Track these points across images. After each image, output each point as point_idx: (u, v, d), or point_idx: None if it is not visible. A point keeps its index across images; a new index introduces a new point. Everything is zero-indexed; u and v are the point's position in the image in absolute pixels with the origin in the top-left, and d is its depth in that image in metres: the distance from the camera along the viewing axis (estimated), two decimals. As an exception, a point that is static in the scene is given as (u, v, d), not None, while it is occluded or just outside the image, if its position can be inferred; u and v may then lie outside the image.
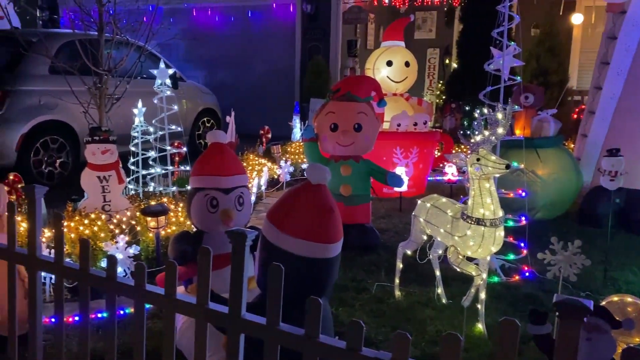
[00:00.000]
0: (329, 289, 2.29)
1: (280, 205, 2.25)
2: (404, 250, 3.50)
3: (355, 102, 4.45)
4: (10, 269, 2.17)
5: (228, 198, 2.98)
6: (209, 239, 3.00)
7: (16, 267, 2.19)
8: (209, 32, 11.61)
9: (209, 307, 1.70)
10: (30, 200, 2.07)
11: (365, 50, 11.47)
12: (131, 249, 3.62)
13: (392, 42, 6.50)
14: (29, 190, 2.04)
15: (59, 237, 2.02)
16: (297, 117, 8.00)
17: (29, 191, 2.04)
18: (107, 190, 4.14)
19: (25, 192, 2.07)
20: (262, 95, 11.16)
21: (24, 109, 6.20)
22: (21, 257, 2.11)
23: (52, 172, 6.48)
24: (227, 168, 3.04)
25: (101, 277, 1.90)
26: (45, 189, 2.09)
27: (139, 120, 4.78)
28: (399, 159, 5.94)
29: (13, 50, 6.63)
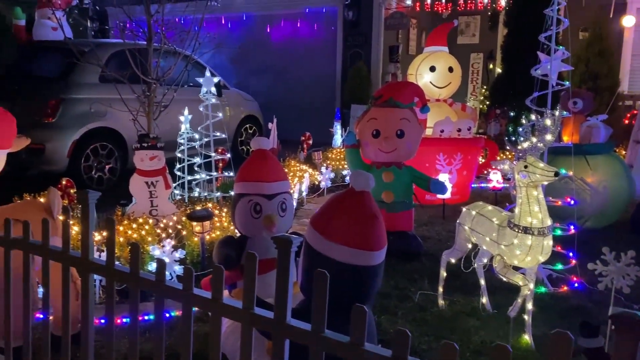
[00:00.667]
0: (372, 297, 2.28)
1: (323, 211, 2.25)
2: (448, 258, 3.45)
3: (397, 108, 4.43)
4: (65, 271, 2.25)
5: (271, 204, 3.01)
6: (252, 244, 3.05)
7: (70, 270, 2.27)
8: (251, 40, 11.79)
9: (254, 312, 1.72)
10: (83, 205, 2.15)
11: (407, 56, 11.41)
12: (177, 252, 3.71)
13: (435, 47, 6.45)
14: (83, 195, 2.12)
15: (111, 241, 2.08)
16: (338, 123, 8.01)
17: (83, 196, 2.12)
18: (155, 196, 4.25)
19: (79, 197, 2.14)
20: (303, 101, 11.24)
21: (75, 116, 6.44)
22: (75, 259, 2.19)
23: (101, 178, 6.70)
24: (270, 174, 3.07)
25: (151, 280, 1.95)
26: (98, 194, 2.17)
27: (185, 127, 4.89)
28: (442, 166, 5.87)
29: (66, 60, 6.91)
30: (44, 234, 2.28)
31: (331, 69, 11.11)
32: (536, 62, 4.06)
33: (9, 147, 3.28)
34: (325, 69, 11.16)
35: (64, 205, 2.42)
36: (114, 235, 2.09)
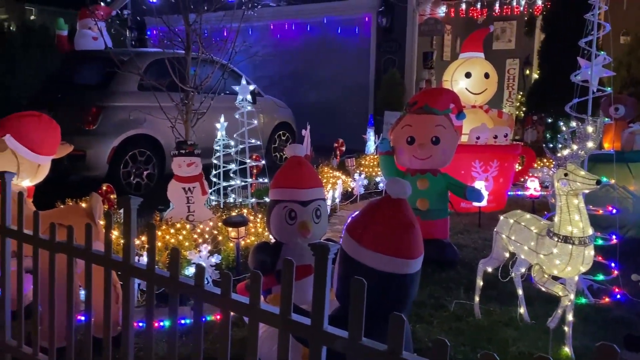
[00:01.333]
0: (408, 305, 2.26)
1: (359, 219, 2.26)
2: (484, 267, 3.40)
3: (433, 115, 4.40)
4: (107, 275, 2.31)
5: (306, 210, 3.03)
6: (287, 250, 3.06)
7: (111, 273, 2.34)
8: (284, 47, 11.90)
9: (292, 318, 1.73)
10: (125, 210, 2.20)
11: (441, 62, 11.32)
12: (213, 257, 3.76)
13: (470, 53, 6.39)
14: (125, 200, 2.17)
15: (152, 246, 2.13)
16: (372, 130, 8.00)
17: (125, 202, 2.17)
18: (192, 201, 4.33)
19: (122, 203, 2.20)
20: (336, 108, 11.27)
21: (115, 123, 6.62)
22: (116, 263, 2.25)
23: (139, 183, 6.85)
24: (305, 181, 3.09)
25: (190, 285, 1.98)
26: (140, 200, 2.22)
27: (221, 134, 4.96)
28: (478, 173, 5.80)
29: (106, 69, 7.11)
30: (87, 239, 2.35)
31: (364, 76, 11.11)
32: (575, 68, 3.98)
33: (53, 154, 3.40)
34: (358, 76, 11.17)
35: (106, 211, 2.48)
36: (154, 240, 2.13)
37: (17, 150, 3.18)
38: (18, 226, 2.60)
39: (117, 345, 2.41)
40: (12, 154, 3.19)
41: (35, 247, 2.54)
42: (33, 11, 17.12)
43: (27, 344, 2.65)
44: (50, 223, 2.47)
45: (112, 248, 2.31)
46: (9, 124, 3.19)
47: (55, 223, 2.62)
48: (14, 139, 3.17)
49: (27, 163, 3.23)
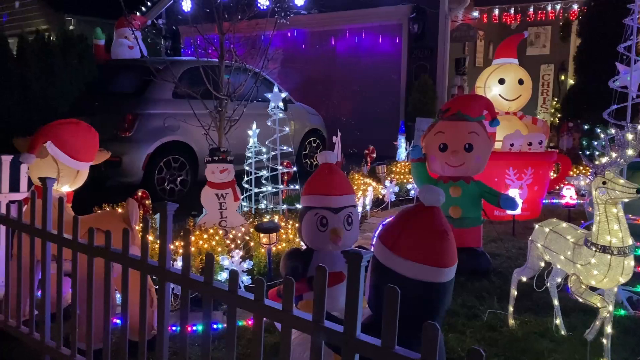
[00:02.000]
0: (441, 314, 2.24)
1: (392, 226, 2.25)
2: (519, 277, 3.34)
3: (466, 122, 4.35)
4: (143, 279, 2.36)
5: (337, 217, 3.03)
6: (319, 257, 3.07)
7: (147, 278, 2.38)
8: (315, 54, 11.96)
9: (324, 324, 1.73)
10: (162, 216, 2.25)
11: (474, 68, 11.21)
12: (245, 263, 3.80)
13: (504, 59, 6.30)
14: (162, 206, 2.22)
15: (187, 251, 2.17)
16: (403, 136, 7.96)
17: (162, 208, 2.22)
18: (224, 207, 4.38)
19: (158, 208, 2.25)
20: (367, 115, 11.26)
21: (150, 130, 6.75)
22: (152, 268, 2.29)
23: (172, 189, 6.97)
24: (337, 188, 3.10)
25: (224, 290, 2.01)
26: (176, 206, 2.26)
27: (253, 141, 5.01)
28: (512, 181, 5.70)
29: (141, 77, 7.27)
30: (124, 243, 2.41)
31: (395, 82, 11.08)
32: (613, 73, 3.88)
33: (92, 160, 3.50)
34: (389, 82, 11.14)
35: (143, 216, 2.54)
36: (189, 245, 2.17)
37: (57, 157, 3.28)
38: (58, 230, 2.68)
39: (151, 349, 2.46)
40: (53, 161, 3.29)
41: (74, 251, 2.61)
42: (72, 21, 17.63)
43: (65, 345, 2.72)
44: (89, 228, 2.54)
45: (148, 253, 2.35)
46: (49, 131, 3.29)
47: (94, 228, 2.70)
48: (54, 146, 3.27)
49: (66, 169, 3.33)
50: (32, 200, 2.84)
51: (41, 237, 2.76)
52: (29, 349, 2.93)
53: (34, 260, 2.90)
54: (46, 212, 2.74)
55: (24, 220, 2.89)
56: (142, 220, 2.38)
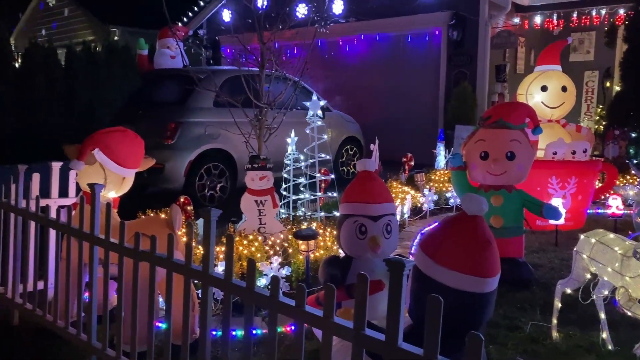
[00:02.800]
0: (483, 325, 2.21)
1: (434, 235, 2.23)
2: (563, 288, 3.26)
3: (507, 129, 4.28)
4: (186, 284, 2.41)
5: (376, 225, 3.03)
6: (357, 264, 3.07)
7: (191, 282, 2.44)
8: (353, 61, 11.98)
9: (365, 333, 1.73)
10: (206, 222, 2.30)
11: (514, 75, 11.02)
12: (283, 270, 3.83)
13: (547, 66, 6.18)
14: (206, 212, 2.27)
15: (230, 257, 2.21)
16: (442, 144, 7.87)
17: (206, 214, 2.27)
18: (263, 214, 4.44)
19: (203, 214, 2.29)
20: (404, 122, 11.19)
21: (192, 138, 6.90)
22: (196, 273, 2.34)
23: (212, 195, 7.09)
24: (376, 196, 3.10)
25: (265, 296, 2.04)
26: (220, 212, 2.31)
27: (291, 148, 5.06)
28: (554, 190, 5.57)
29: (183, 86, 7.44)
30: (169, 248, 2.47)
31: (434, 90, 10.99)
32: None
33: (137, 167, 3.60)
34: (428, 90, 11.05)
35: (188, 222, 2.60)
36: (232, 251, 2.21)
37: (104, 164, 3.39)
38: (105, 235, 2.77)
39: (193, 352, 2.51)
40: (100, 167, 3.40)
41: (121, 255, 2.69)
42: (116, 32, 18.21)
43: (110, 347, 2.80)
44: (135, 232, 2.61)
45: (192, 258, 2.41)
46: (97, 139, 3.41)
47: (139, 232, 2.78)
48: (102, 153, 3.38)
49: (113, 175, 3.44)
50: (81, 205, 2.95)
51: (89, 241, 2.85)
52: (76, 349, 3.03)
53: (82, 264, 3.00)
54: (94, 217, 2.83)
55: (73, 225, 2.99)
56: (187, 225, 2.44)
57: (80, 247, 2.95)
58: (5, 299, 3.51)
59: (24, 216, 3.36)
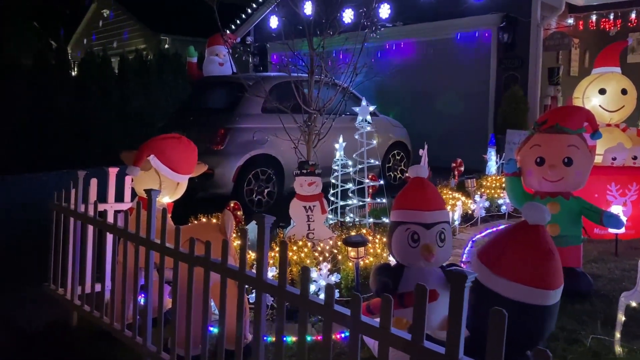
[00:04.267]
0: (544, 339, 2.12)
1: (493, 245, 2.17)
2: (627, 301, 3.10)
3: (565, 134, 4.13)
4: (240, 289, 2.42)
5: (429, 233, 2.97)
6: (409, 273, 3.02)
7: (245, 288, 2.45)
8: (400, 66, 11.86)
9: (424, 345, 1.69)
10: (260, 228, 2.31)
11: (568, 78, 10.65)
12: (333, 276, 3.81)
13: (605, 68, 5.95)
14: (260, 218, 2.27)
15: (283, 263, 2.21)
16: (493, 149, 7.67)
17: (260, 219, 2.27)
18: (312, 220, 4.43)
19: (257, 220, 2.30)
20: (452, 127, 10.99)
21: (240, 144, 6.98)
22: (250, 279, 2.35)
23: (260, 200, 7.15)
24: (429, 203, 3.04)
25: (319, 304, 2.02)
26: (273, 218, 2.31)
27: (339, 154, 5.04)
28: (614, 197, 5.33)
29: (232, 93, 7.56)
30: (223, 254, 2.49)
31: (483, 94, 10.74)
32: None
33: (191, 173, 3.66)
34: (476, 94, 10.82)
35: (243, 228, 2.61)
36: (286, 257, 2.20)
37: (159, 170, 3.47)
38: (161, 240, 2.82)
39: (245, 357, 2.51)
40: (156, 173, 3.48)
41: (176, 260, 2.73)
42: (167, 40, 18.71)
43: (165, 350, 2.84)
44: (190, 238, 2.65)
45: (246, 264, 2.42)
46: (153, 145, 3.49)
47: (195, 238, 2.82)
48: (157, 159, 3.46)
49: (168, 181, 3.51)
50: (138, 210, 3.02)
51: (145, 246, 2.91)
52: (131, 352, 3.10)
53: (137, 267, 3.07)
54: (150, 222, 2.89)
55: (129, 229, 3.06)
56: (241, 231, 2.45)
57: (137, 251, 3.02)
58: (65, 301, 3.63)
59: (83, 220, 3.47)
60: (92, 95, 12.08)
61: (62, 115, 11.56)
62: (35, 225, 6.15)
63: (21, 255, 5.27)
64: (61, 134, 11.47)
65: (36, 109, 11.37)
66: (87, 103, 11.99)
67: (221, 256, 2.47)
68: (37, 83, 11.47)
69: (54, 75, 11.73)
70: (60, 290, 3.72)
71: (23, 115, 11.23)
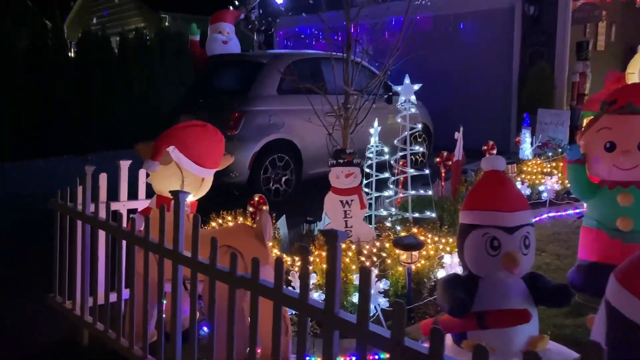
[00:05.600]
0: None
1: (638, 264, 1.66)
2: None
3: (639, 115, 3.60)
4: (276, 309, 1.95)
5: (512, 238, 2.48)
6: (486, 286, 2.53)
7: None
8: (418, 41, 11.20)
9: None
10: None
11: (594, 53, 10.05)
12: (381, 283, 3.31)
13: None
14: (332, 236, 1.75)
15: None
16: (528, 130, 7.13)
17: (331, 237, 1.75)
18: (349, 216, 3.92)
19: (327, 238, 1.78)
20: (474, 107, 10.41)
21: (256, 128, 6.43)
22: (290, 300, 1.88)
23: (277, 189, 6.64)
24: (511, 202, 2.55)
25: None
26: (348, 235, 1.80)
27: (374, 140, 4.50)
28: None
29: (245, 72, 6.98)
30: (254, 270, 2.02)
31: (506, 71, 10.13)
32: None
33: (217, 167, 3.15)
34: (499, 71, 10.21)
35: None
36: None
37: (181, 163, 2.95)
38: (192, 253, 2.31)
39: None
40: (177, 167, 2.95)
41: (212, 279, 2.22)
42: (167, 18, 18.01)
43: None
44: (232, 253, 2.14)
45: (283, 281, 1.95)
46: (173, 135, 2.97)
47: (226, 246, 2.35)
48: (178, 151, 2.93)
49: (191, 177, 2.99)
50: (162, 216, 2.49)
51: (172, 259, 2.40)
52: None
53: (162, 281, 2.58)
54: (178, 232, 2.38)
55: (152, 238, 2.55)
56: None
57: (161, 263, 2.52)
58: (74, 316, 3.13)
59: (94, 225, 2.96)
60: (92, 77, 11.47)
61: (60, 99, 10.98)
62: (33, 219, 5.63)
63: (20, 257, 4.74)
64: (59, 119, 10.91)
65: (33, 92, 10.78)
66: (87, 86, 11.40)
67: (274, 279, 1.96)
68: (34, 65, 10.85)
69: (51, 57, 11.10)
70: (67, 303, 3.22)
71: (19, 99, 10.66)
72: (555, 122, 7.69)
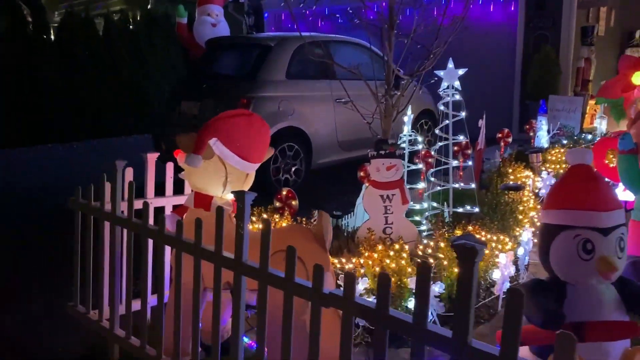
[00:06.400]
0: None
1: None
2: None
3: (703, 103, 3.40)
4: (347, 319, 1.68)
5: (607, 241, 2.23)
6: (576, 293, 2.28)
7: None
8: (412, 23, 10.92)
9: None
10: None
11: (595, 38, 9.91)
12: (436, 286, 3.06)
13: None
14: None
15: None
16: (544, 117, 6.91)
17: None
18: (390, 211, 3.64)
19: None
20: (474, 93, 10.17)
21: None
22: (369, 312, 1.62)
23: (287, 180, 6.32)
24: (605, 201, 2.30)
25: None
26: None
27: (407, 128, 4.22)
28: None
29: (250, 55, 6.61)
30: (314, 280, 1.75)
31: (509, 56, 9.90)
32: None
33: (262, 161, 2.84)
34: (501, 56, 9.97)
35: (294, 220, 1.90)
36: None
37: (225, 158, 2.61)
38: (261, 265, 2.00)
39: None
40: (220, 162, 2.62)
41: (288, 295, 1.91)
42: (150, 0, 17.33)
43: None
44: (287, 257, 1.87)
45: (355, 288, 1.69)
46: (216, 127, 2.62)
47: (278, 248, 2.14)
48: (221, 144, 2.60)
49: (236, 172, 2.66)
50: (219, 221, 2.16)
51: (235, 271, 2.09)
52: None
53: (199, 288, 2.28)
54: (242, 240, 2.06)
55: (205, 245, 2.23)
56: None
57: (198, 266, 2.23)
58: (101, 328, 2.79)
59: (130, 229, 2.61)
60: (77, 62, 10.89)
61: (42, 84, 10.40)
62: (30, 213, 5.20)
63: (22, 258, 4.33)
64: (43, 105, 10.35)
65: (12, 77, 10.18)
66: (73, 70, 10.83)
67: (343, 289, 1.69)
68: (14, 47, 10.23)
69: (32, 38, 10.49)
70: (92, 313, 2.88)
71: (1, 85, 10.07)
72: (567, 109, 7.52)
